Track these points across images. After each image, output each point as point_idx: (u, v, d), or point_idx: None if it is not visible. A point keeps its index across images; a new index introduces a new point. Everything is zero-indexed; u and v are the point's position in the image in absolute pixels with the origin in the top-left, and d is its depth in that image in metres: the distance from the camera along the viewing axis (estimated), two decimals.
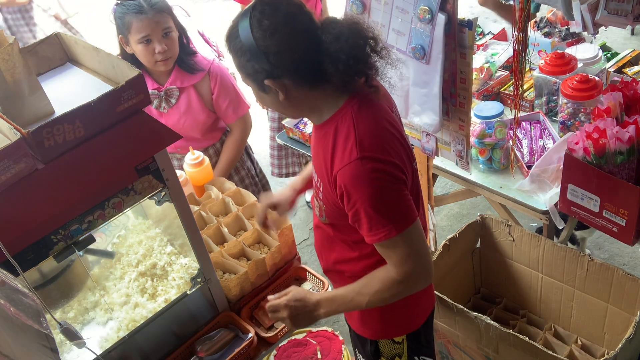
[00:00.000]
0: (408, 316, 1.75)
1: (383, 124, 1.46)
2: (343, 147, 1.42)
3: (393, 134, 1.47)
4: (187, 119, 2.48)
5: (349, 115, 1.44)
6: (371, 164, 1.39)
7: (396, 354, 1.78)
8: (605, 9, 1.99)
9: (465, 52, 1.92)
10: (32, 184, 1.37)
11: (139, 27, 2.23)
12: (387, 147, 1.43)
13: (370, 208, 1.41)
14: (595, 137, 1.91)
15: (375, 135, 1.43)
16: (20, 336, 1.12)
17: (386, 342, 1.76)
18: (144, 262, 1.92)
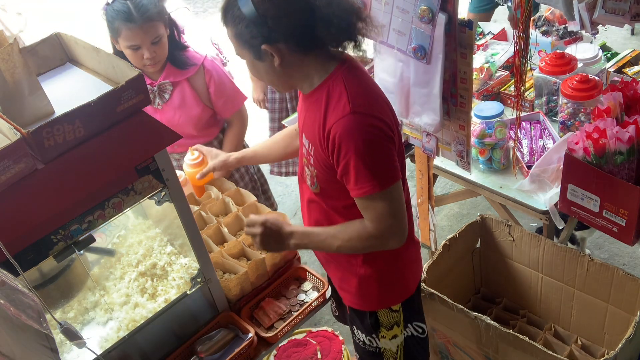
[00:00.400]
0: (402, 283, 1.85)
1: (372, 87, 1.58)
2: (336, 104, 1.51)
3: (381, 96, 1.59)
4: (182, 114, 2.47)
5: (340, 79, 1.53)
6: (363, 118, 1.48)
7: (394, 323, 1.86)
8: (603, 8, 1.99)
9: (465, 52, 1.92)
10: (32, 184, 1.37)
11: (127, 35, 2.20)
12: (377, 106, 1.54)
13: (360, 160, 1.49)
14: (595, 137, 1.91)
15: (366, 94, 1.53)
16: (20, 336, 1.12)
17: (385, 311, 1.84)
18: (144, 262, 1.92)
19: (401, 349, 1.92)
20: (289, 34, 1.47)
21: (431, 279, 2.29)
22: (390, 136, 1.54)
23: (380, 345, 1.90)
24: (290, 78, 1.59)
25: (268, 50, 1.48)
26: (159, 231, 1.99)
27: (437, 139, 2.19)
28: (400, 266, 1.82)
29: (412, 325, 1.92)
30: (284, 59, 1.51)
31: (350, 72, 1.55)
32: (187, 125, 2.50)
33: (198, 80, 2.45)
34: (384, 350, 1.90)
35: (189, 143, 2.41)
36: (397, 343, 1.90)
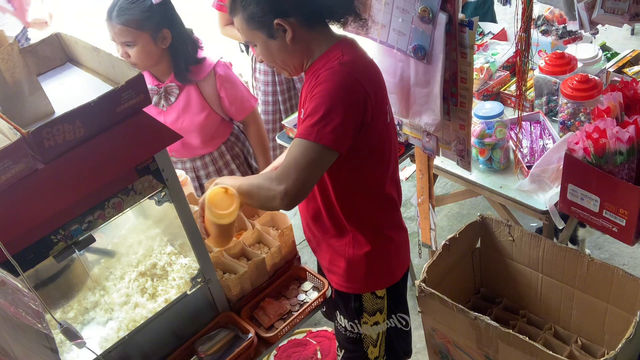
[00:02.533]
0: (389, 268, 1.92)
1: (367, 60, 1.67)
2: (327, 63, 1.61)
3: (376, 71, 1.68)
4: (185, 118, 2.45)
5: (338, 49, 1.63)
6: (347, 74, 1.56)
7: (377, 309, 1.91)
8: (602, 8, 1.99)
9: (465, 51, 1.92)
10: (32, 184, 1.37)
11: (108, 28, 2.27)
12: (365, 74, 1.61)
13: (322, 103, 1.54)
14: (595, 137, 1.91)
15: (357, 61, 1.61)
16: (20, 336, 1.12)
17: (369, 296, 1.89)
18: (144, 262, 1.92)
19: (382, 338, 1.97)
20: (298, 5, 1.56)
21: (431, 279, 2.29)
22: (363, 105, 1.58)
23: (362, 331, 1.94)
24: (300, 55, 1.66)
25: (281, 24, 1.57)
26: (159, 231, 1.98)
27: (437, 138, 2.19)
28: (388, 250, 1.89)
29: (396, 316, 1.97)
30: (295, 33, 1.59)
31: (348, 45, 1.66)
32: (190, 131, 2.47)
33: (208, 85, 2.42)
34: (365, 337, 1.95)
35: (188, 153, 2.40)
36: (378, 330, 1.94)
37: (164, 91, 2.41)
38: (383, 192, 1.82)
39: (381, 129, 1.70)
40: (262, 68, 3.33)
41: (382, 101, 1.69)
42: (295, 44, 1.62)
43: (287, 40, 1.60)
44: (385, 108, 1.71)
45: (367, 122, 1.62)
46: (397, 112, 2.15)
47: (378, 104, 1.64)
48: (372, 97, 1.61)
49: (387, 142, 1.74)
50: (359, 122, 1.59)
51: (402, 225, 1.95)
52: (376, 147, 1.72)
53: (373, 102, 1.61)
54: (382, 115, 1.68)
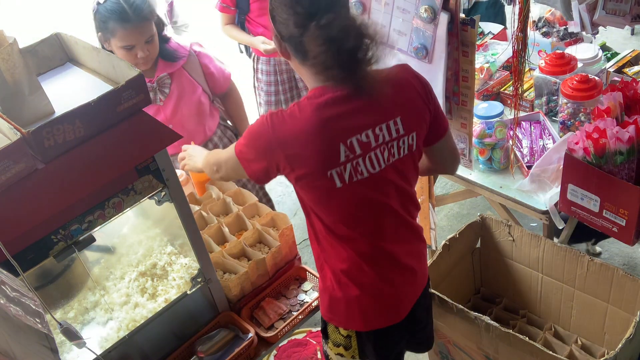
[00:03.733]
0: (349, 312, 1.74)
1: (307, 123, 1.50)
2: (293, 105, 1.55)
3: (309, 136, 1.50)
4: (184, 104, 2.49)
5: (305, 97, 1.55)
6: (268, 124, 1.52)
7: (341, 345, 1.80)
8: (604, 9, 2.00)
9: (467, 50, 1.92)
10: (32, 184, 1.37)
11: (123, 35, 2.19)
12: (287, 135, 1.51)
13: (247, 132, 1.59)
14: (595, 137, 1.91)
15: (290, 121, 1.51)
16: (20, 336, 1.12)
17: (332, 327, 1.80)
18: (144, 262, 1.92)
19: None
20: (285, 37, 1.51)
21: (431, 279, 2.29)
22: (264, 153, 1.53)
23: (327, 352, 1.86)
24: (298, 72, 1.62)
25: (276, 42, 1.56)
26: (159, 231, 1.98)
27: None
28: (354, 298, 1.70)
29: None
30: (289, 57, 1.57)
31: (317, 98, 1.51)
32: (190, 116, 2.53)
33: (192, 65, 2.49)
34: (330, 358, 1.86)
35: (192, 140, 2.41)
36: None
37: (157, 85, 2.41)
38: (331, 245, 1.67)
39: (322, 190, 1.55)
40: (264, 68, 3.33)
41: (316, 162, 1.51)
42: (292, 64, 1.60)
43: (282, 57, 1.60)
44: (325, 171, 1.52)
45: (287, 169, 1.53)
46: None
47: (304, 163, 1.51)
48: (290, 155, 1.50)
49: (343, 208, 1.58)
50: (271, 170, 1.56)
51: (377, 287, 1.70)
52: (328, 203, 1.59)
53: (290, 159, 1.50)
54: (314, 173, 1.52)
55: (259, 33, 3.15)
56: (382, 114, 1.56)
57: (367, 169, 1.56)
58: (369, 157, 1.55)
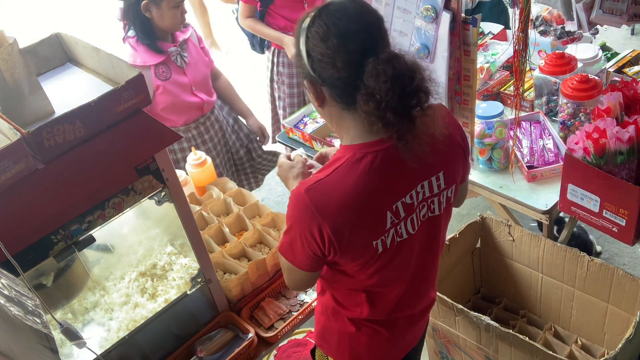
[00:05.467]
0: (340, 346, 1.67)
1: (353, 193, 1.33)
2: (315, 175, 1.40)
3: (356, 210, 1.34)
4: (202, 65, 2.75)
5: (347, 157, 1.35)
6: (306, 201, 1.34)
7: None
8: (601, 8, 1.99)
9: (469, 49, 1.92)
10: (32, 184, 1.37)
11: None
12: (331, 211, 1.33)
13: (287, 221, 1.43)
14: (595, 137, 1.91)
15: (335, 194, 1.34)
16: (20, 336, 1.12)
17: (320, 353, 1.75)
18: (144, 262, 1.92)
19: None
20: (330, 82, 1.31)
21: None
22: (311, 242, 1.37)
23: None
24: (330, 121, 1.42)
25: (309, 87, 1.37)
26: (159, 231, 1.98)
27: None
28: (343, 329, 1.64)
29: None
30: (324, 102, 1.37)
31: (360, 161, 1.33)
32: (206, 81, 2.79)
33: (193, 36, 2.74)
34: None
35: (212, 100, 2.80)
36: None
37: (180, 48, 2.63)
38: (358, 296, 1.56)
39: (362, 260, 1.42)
40: (286, 61, 3.25)
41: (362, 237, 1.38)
42: (324, 110, 1.39)
43: (316, 103, 1.39)
44: (370, 242, 1.39)
45: (331, 253, 1.39)
46: None
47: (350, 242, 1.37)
48: (336, 235, 1.34)
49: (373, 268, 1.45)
50: (319, 253, 1.39)
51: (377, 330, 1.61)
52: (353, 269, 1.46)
53: (336, 240, 1.35)
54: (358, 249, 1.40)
55: (280, 26, 3.08)
56: (428, 169, 1.41)
57: (407, 231, 1.44)
58: (410, 219, 1.43)
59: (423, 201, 1.43)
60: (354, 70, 1.27)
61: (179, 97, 2.65)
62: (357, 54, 1.27)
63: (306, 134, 2.89)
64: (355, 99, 1.29)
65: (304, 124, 2.97)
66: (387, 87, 1.23)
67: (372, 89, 1.25)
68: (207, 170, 2.34)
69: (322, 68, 1.30)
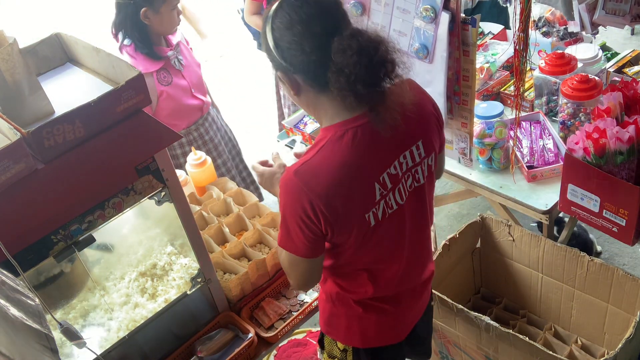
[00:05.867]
0: (349, 329, 1.71)
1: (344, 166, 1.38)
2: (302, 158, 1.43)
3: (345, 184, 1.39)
4: (196, 67, 2.74)
5: (328, 136, 1.40)
6: (297, 184, 1.38)
7: (337, 357, 1.77)
8: (603, 9, 1.99)
9: (468, 49, 1.92)
10: (32, 184, 1.37)
11: None
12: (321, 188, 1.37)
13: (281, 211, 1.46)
14: (595, 137, 1.91)
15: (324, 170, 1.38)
16: (20, 336, 1.12)
17: (329, 340, 1.78)
18: (144, 262, 1.92)
19: None
20: (301, 68, 1.37)
21: None
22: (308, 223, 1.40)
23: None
24: (308, 108, 1.48)
25: (282, 78, 1.43)
26: (159, 231, 1.98)
27: None
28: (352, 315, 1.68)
29: None
30: (300, 90, 1.42)
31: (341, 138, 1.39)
32: (202, 78, 2.78)
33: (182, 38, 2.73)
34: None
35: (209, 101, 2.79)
36: None
37: (176, 50, 2.61)
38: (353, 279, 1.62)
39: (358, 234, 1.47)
40: None
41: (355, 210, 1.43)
42: (301, 99, 1.45)
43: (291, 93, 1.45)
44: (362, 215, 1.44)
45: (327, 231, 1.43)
46: None
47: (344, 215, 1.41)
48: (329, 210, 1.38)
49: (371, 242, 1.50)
50: (317, 233, 1.43)
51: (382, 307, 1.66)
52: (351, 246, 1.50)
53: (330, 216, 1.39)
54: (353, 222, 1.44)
55: None
56: (407, 139, 1.47)
57: (396, 202, 1.49)
58: (398, 189, 1.48)
59: (407, 171, 1.49)
60: (322, 51, 1.33)
61: (181, 100, 2.64)
62: (323, 35, 1.33)
63: (306, 133, 2.89)
64: (327, 80, 1.35)
65: (304, 124, 2.97)
66: (355, 60, 1.29)
67: (340, 64, 1.31)
68: (207, 170, 2.34)
69: (292, 55, 1.36)
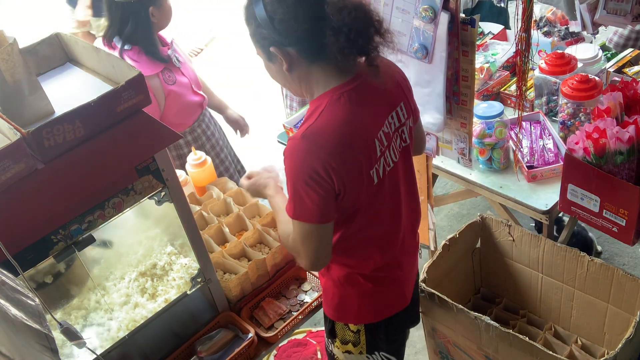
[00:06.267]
0: (361, 307, 1.76)
1: (347, 123, 1.46)
2: (303, 125, 1.49)
3: (352, 137, 1.46)
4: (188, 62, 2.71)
5: (325, 101, 1.47)
6: (305, 148, 1.44)
7: (350, 341, 1.81)
8: (605, 9, 1.99)
9: (467, 49, 1.92)
10: (32, 184, 1.37)
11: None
12: (332, 144, 1.43)
13: (288, 181, 1.49)
14: (595, 137, 1.91)
15: (330, 129, 1.44)
16: (20, 336, 1.12)
17: (341, 325, 1.81)
18: (144, 262, 1.92)
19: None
20: (296, 39, 1.43)
21: (431, 279, 2.29)
22: (324, 178, 1.44)
23: (334, 352, 1.87)
24: (299, 84, 1.53)
25: (276, 53, 1.46)
26: (159, 231, 1.98)
27: (437, 138, 2.19)
28: (367, 292, 1.72)
29: (380, 354, 1.84)
30: (292, 63, 1.47)
31: (341, 98, 1.46)
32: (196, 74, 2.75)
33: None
34: (336, 357, 1.87)
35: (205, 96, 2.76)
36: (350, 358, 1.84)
37: (172, 48, 2.60)
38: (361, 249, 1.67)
39: (365, 193, 1.54)
40: None
41: (362, 165, 1.50)
42: (293, 74, 1.50)
43: (283, 69, 1.49)
44: (368, 172, 1.52)
45: (340, 190, 1.48)
46: None
47: (352, 172, 1.48)
48: (342, 168, 1.44)
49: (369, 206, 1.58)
50: (330, 192, 1.47)
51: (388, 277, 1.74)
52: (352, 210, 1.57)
53: (343, 173, 1.45)
54: (362, 178, 1.51)
55: None
56: (392, 100, 1.57)
57: (392, 159, 1.58)
58: (392, 147, 1.57)
59: (395, 131, 1.58)
60: (315, 20, 1.40)
61: (185, 98, 2.62)
62: (314, 4, 1.40)
63: None
64: (321, 48, 1.42)
65: None
66: (353, 16, 1.38)
67: (339, 24, 1.38)
68: (207, 170, 2.34)
69: (286, 27, 1.41)
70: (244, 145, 3.30)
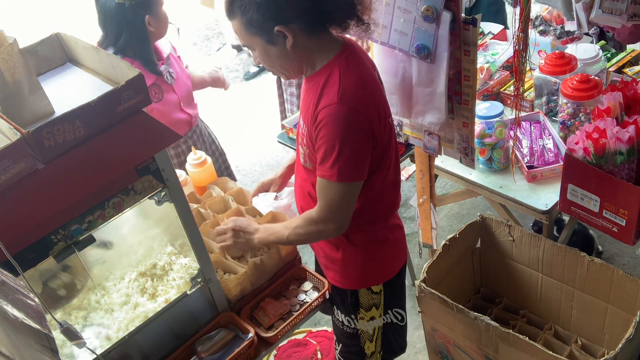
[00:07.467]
0: (385, 264, 1.93)
1: (365, 81, 1.63)
2: (329, 91, 1.59)
3: (373, 91, 1.65)
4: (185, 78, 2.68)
5: (337, 68, 1.61)
6: (347, 111, 1.56)
7: (373, 304, 1.93)
8: (600, 8, 1.99)
9: (469, 49, 1.92)
10: (32, 184, 1.37)
11: None
12: (365, 101, 1.60)
13: (331, 146, 1.58)
14: (595, 137, 1.91)
15: (356, 89, 1.59)
16: (20, 336, 1.12)
17: (365, 291, 1.92)
18: (144, 262, 1.92)
19: (378, 333, 1.99)
20: (301, 11, 1.53)
21: (431, 279, 2.29)
22: (370, 131, 1.60)
23: (358, 326, 1.96)
24: (300, 61, 1.64)
25: (281, 31, 1.54)
26: (159, 231, 1.98)
27: (439, 137, 2.19)
28: (384, 248, 1.90)
29: (392, 311, 1.99)
30: (296, 39, 1.57)
31: (348, 62, 1.62)
32: (191, 90, 2.71)
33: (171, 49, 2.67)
34: (361, 332, 1.97)
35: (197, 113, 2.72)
36: (374, 325, 1.96)
37: (167, 64, 2.55)
38: (381, 195, 1.82)
39: (386, 141, 1.72)
40: None
41: (385, 115, 1.70)
42: (296, 51, 1.60)
43: (287, 46, 1.59)
44: (388, 120, 1.71)
45: (377, 143, 1.66)
46: (399, 112, 2.15)
47: (382, 122, 1.66)
48: (377, 119, 1.63)
49: (387, 149, 1.75)
50: (371, 147, 1.64)
51: (398, 224, 1.96)
52: (379, 157, 1.73)
53: (378, 124, 1.64)
54: (386, 128, 1.70)
55: None
56: (372, 64, 1.78)
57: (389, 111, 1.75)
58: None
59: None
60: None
61: (170, 116, 2.55)
62: None
63: None
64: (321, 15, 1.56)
65: None
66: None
67: None
68: (207, 170, 2.34)
69: (289, 2, 1.51)
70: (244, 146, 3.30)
